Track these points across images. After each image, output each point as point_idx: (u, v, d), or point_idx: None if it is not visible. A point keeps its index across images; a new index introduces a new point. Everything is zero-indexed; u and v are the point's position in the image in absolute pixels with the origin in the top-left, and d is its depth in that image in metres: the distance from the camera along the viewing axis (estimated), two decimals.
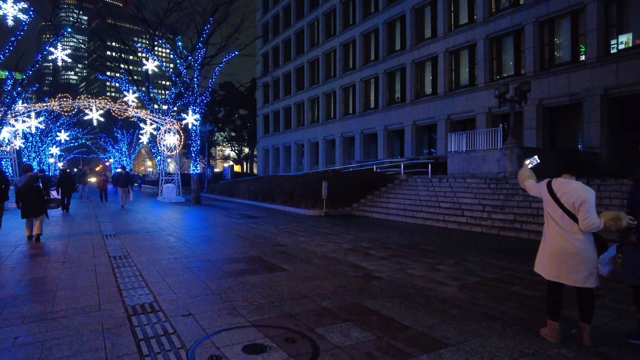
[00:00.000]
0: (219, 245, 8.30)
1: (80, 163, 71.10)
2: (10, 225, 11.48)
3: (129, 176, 19.17)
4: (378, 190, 17.92)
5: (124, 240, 8.78)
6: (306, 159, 43.64)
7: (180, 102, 27.13)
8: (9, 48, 16.32)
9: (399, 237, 10.04)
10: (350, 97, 38.00)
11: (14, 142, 20.16)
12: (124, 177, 18.48)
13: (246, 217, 14.33)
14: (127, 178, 18.72)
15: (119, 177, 18.57)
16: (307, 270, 6.16)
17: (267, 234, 10.16)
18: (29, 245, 8.29)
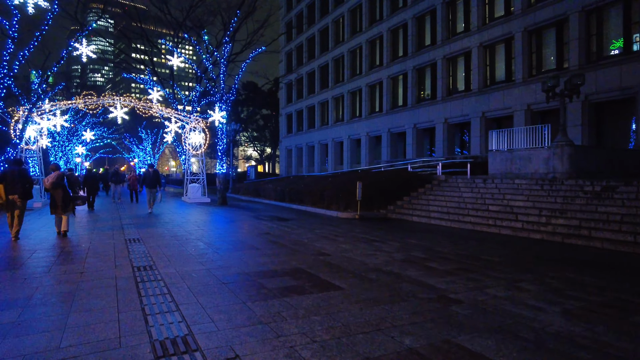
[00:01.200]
0: (254, 254, 7.34)
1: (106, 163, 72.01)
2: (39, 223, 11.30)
3: (158, 175, 16.65)
4: (415, 192, 16.73)
5: (148, 246, 7.93)
6: (330, 159, 42.62)
7: (205, 101, 26.54)
8: (33, 43, 15.92)
9: (453, 245, 8.90)
10: (377, 95, 36.79)
11: (40, 141, 19.84)
12: (151, 177, 16.17)
13: (276, 220, 13.39)
14: (155, 178, 16.30)
15: (147, 177, 16.34)
16: (366, 288, 5.12)
17: (303, 239, 9.17)
18: (48, 251, 7.54)
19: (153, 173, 16.30)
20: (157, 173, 16.57)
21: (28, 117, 17.45)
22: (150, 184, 15.92)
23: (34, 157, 20.83)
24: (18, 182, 8.80)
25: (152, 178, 16.05)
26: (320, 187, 18.00)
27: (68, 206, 9.32)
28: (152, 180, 16.00)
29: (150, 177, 16.08)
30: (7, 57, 16.10)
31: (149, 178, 16.09)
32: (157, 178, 16.22)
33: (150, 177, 16.10)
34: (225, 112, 18.86)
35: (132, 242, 8.51)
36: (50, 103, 19.59)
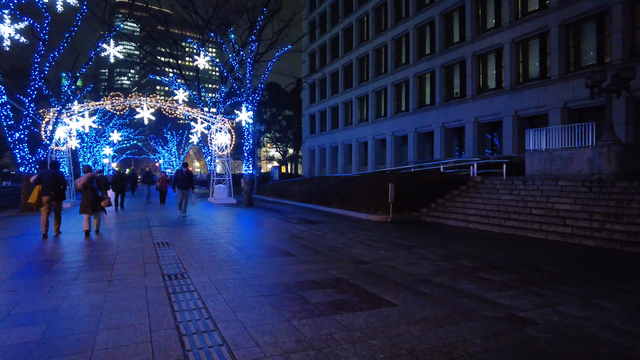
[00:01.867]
0: (289, 261, 6.86)
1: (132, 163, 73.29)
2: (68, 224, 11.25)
3: (192, 176, 14.90)
4: (449, 194, 15.98)
5: (178, 251, 7.57)
6: (354, 160, 41.98)
7: (230, 102, 26.38)
8: (63, 45, 15.97)
9: (500, 252, 8.21)
10: (403, 94, 35.98)
11: (69, 142, 19.99)
12: (184, 178, 14.35)
13: (305, 222, 12.92)
14: (189, 179, 14.52)
15: (179, 177, 14.41)
16: (422, 305, 4.56)
17: (338, 244, 8.65)
18: (76, 254, 7.27)
19: (186, 174, 14.51)
20: (191, 174, 14.89)
21: (58, 118, 17.55)
22: (183, 185, 14.26)
23: (63, 158, 21.02)
24: (52, 184, 9.47)
25: (185, 179, 14.33)
26: (349, 189, 17.45)
27: (97, 206, 9.82)
28: (185, 182, 14.32)
29: (183, 178, 14.33)
30: (38, 59, 16.22)
31: (182, 179, 14.33)
32: (190, 179, 14.58)
33: (183, 177, 14.34)
34: (252, 112, 18.53)
35: (161, 246, 8.17)
36: (79, 104, 19.71)
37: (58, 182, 9.62)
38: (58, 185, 9.61)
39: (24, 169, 16.37)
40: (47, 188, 9.44)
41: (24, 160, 16.20)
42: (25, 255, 7.28)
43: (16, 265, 6.36)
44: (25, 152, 16.15)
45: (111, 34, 16.84)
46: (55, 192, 9.51)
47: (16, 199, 19.95)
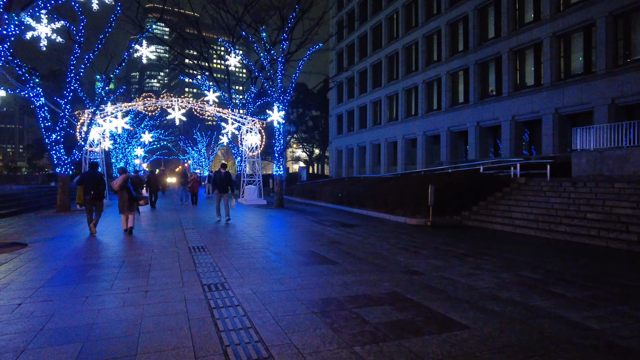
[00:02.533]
0: (333, 270, 6.36)
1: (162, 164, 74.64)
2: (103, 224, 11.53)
3: (231, 178, 13.59)
4: (491, 196, 15.11)
5: (215, 257, 7.18)
6: (383, 160, 41.16)
7: (260, 102, 26.20)
8: (97, 46, 16.05)
9: (562, 261, 7.44)
10: (435, 92, 34.95)
11: (102, 143, 20.20)
12: (224, 179, 13.06)
13: (340, 225, 12.39)
14: (228, 180, 13.20)
15: (217, 178, 13.08)
16: (498, 327, 3.95)
17: (381, 251, 8.08)
18: (111, 259, 7.01)
19: (225, 175, 13.13)
20: (230, 175, 13.50)
21: (92, 119, 17.70)
22: (222, 187, 12.99)
23: (97, 159, 21.30)
24: (92, 184, 10.25)
25: (224, 181, 13.04)
26: (383, 190, 16.81)
27: (133, 206, 10.34)
28: (225, 183, 13.03)
29: (222, 180, 13.02)
30: (74, 62, 16.39)
31: (221, 180, 13.03)
32: (229, 181, 13.30)
33: (222, 179, 13.03)
34: (284, 112, 18.16)
35: (197, 250, 7.82)
36: (112, 106, 19.89)
37: (97, 182, 10.33)
38: (98, 185, 10.32)
39: (60, 170, 16.55)
40: (88, 188, 10.20)
41: (60, 161, 16.37)
42: (60, 259, 7.06)
43: (51, 271, 6.12)
44: (61, 153, 16.32)
45: (143, 35, 16.84)
46: (95, 191, 10.21)
47: (53, 199, 20.29)
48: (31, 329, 3.79)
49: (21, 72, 14.82)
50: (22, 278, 5.71)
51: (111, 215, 14.38)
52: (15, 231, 10.77)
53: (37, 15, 10.61)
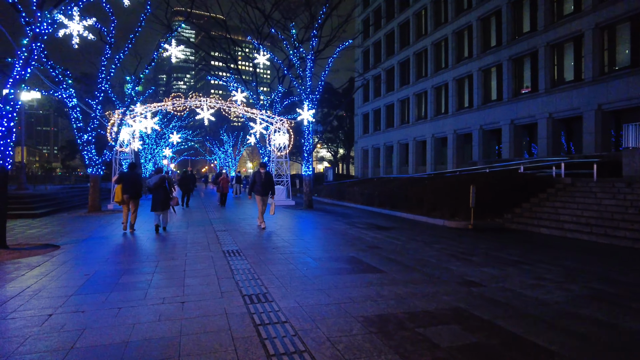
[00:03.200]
0: (381, 279, 5.82)
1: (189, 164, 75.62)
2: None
3: (272, 179, 11.87)
4: (534, 198, 14.20)
5: (251, 262, 6.76)
6: (411, 159, 40.21)
7: (288, 101, 25.84)
8: (127, 46, 16.02)
9: (633, 271, 6.66)
10: (466, 89, 33.84)
11: (132, 144, 20.28)
12: (264, 181, 11.37)
13: (375, 228, 11.82)
14: (269, 182, 11.55)
15: (257, 180, 11.40)
16: (596, 357, 3.34)
17: (428, 257, 7.49)
18: (144, 263, 6.69)
19: (265, 176, 11.45)
20: (271, 176, 11.89)
21: (122, 120, 17.73)
22: (262, 190, 11.32)
23: (127, 159, 21.40)
24: (131, 183, 10.75)
25: (264, 182, 11.33)
26: (417, 191, 16.12)
27: (167, 205, 10.79)
28: (265, 186, 11.36)
29: (263, 182, 11.30)
30: (105, 62, 16.44)
31: (262, 182, 11.29)
32: (271, 182, 11.61)
33: (263, 181, 11.30)
34: (314, 110, 17.71)
35: (232, 255, 7.42)
36: (142, 106, 19.92)
37: (135, 182, 10.83)
38: (135, 184, 10.82)
39: (91, 170, 16.61)
40: (126, 187, 10.69)
41: (91, 161, 16.43)
42: (92, 263, 6.79)
43: (83, 276, 5.82)
44: (92, 153, 16.37)
45: (172, 34, 16.75)
46: (133, 190, 10.72)
47: (84, 199, 20.50)
48: (62, 346, 3.42)
49: (54, 73, 14.94)
50: (53, 284, 5.42)
51: (143, 214, 14.24)
52: (48, 232, 10.70)
53: (70, 14, 10.51)
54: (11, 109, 7.98)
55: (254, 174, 11.77)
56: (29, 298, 4.77)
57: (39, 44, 8.19)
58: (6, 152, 7.91)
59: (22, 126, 22.46)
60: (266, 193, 11.52)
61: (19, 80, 8.05)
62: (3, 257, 7.30)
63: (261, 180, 11.42)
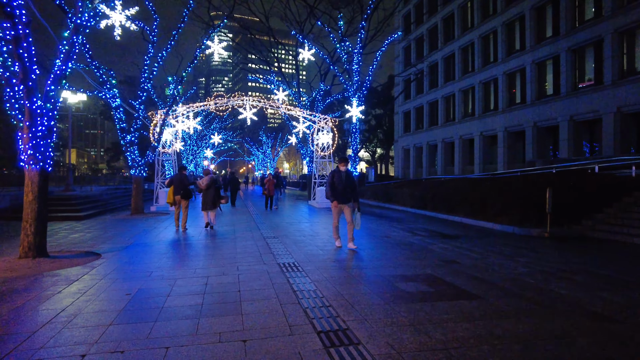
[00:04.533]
0: (482, 309, 4.65)
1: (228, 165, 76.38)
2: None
3: (354, 180, 8.80)
4: (617, 202, 12.44)
5: (315, 281, 5.76)
6: (457, 159, 38.26)
7: (330, 99, 24.93)
8: (170, 43, 15.59)
9: None
10: (518, 84, 31.68)
11: (174, 145, 19.95)
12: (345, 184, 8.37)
13: (440, 236, 10.57)
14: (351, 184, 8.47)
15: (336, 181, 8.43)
16: None
17: (520, 276, 6.22)
18: (191, 279, 5.86)
19: (346, 177, 8.44)
20: (352, 177, 8.76)
21: (165, 120, 17.37)
22: (343, 196, 8.34)
23: (169, 160, 21.13)
24: (180, 185, 11.36)
25: (346, 185, 8.36)
26: (478, 193, 14.67)
27: (216, 204, 11.39)
28: (347, 190, 8.37)
29: (344, 184, 8.35)
30: (148, 62, 16.13)
31: (342, 185, 8.34)
32: (353, 185, 8.52)
33: (344, 183, 8.36)
34: (363, 107, 16.63)
35: (289, 269, 6.46)
36: (184, 107, 19.57)
37: (185, 184, 11.43)
38: (185, 186, 11.43)
39: (134, 172, 16.30)
40: (177, 189, 11.31)
41: (134, 162, 16.11)
42: (134, 277, 6.03)
43: (124, 297, 5.03)
44: (135, 154, 16.05)
45: (215, 30, 16.18)
46: (183, 192, 11.32)
47: (127, 200, 20.38)
48: None
49: (99, 73, 14.74)
50: (90, 306, 4.64)
51: (192, 215, 13.70)
52: (91, 237, 10.21)
53: (112, 5, 10.00)
54: (52, 107, 7.41)
55: (332, 173, 8.55)
56: (61, 327, 3.98)
57: (80, 37, 7.57)
58: (47, 153, 7.35)
59: (70, 128, 22.73)
60: (347, 199, 8.44)
61: (60, 75, 7.46)
62: (43, 268, 6.70)
63: (342, 183, 8.35)
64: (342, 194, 8.43)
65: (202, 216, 13.16)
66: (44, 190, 7.35)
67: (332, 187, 8.51)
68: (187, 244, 9.21)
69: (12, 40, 6.54)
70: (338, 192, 8.43)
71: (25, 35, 6.75)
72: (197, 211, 17.48)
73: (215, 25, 16.00)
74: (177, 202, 11.36)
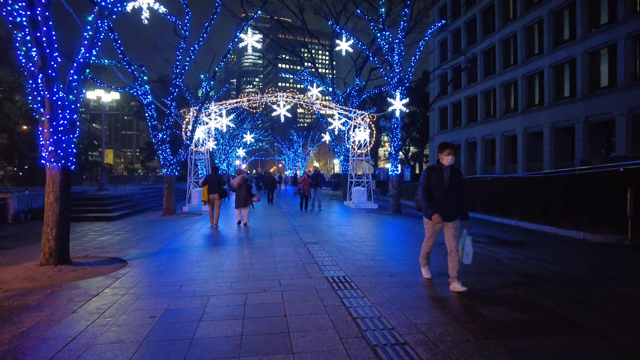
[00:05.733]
0: (603, 350, 3.52)
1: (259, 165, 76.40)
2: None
3: (462, 182, 5.46)
4: None
5: (375, 303, 4.72)
6: (498, 157, 36.22)
7: (366, 95, 23.80)
8: (202, 35, 14.95)
9: None
10: (567, 76, 29.45)
11: (207, 143, 19.40)
12: (447, 184, 5.28)
13: (500, 243, 9.30)
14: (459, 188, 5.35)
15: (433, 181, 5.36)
16: None
17: (628, 297, 4.99)
18: (227, 299, 4.97)
19: (452, 175, 5.36)
20: (461, 177, 5.51)
21: (197, 117, 16.80)
22: (446, 206, 5.29)
23: (201, 160, 20.63)
24: (216, 184, 11.84)
25: (450, 188, 5.29)
26: (536, 194, 13.20)
27: (248, 202, 11.85)
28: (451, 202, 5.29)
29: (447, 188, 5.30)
30: (180, 57, 15.60)
31: (443, 189, 5.30)
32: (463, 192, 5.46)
33: (447, 186, 5.30)
34: (407, 100, 15.44)
35: (341, 286, 5.45)
36: (217, 104, 18.98)
37: (220, 183, 11.92)
38: (220, 185, 11.90)
39: (166, 171, 15.78)
40: (212, 188, 11.76)
41: (166, 161, 15.59)
42: (161, 293, 5.20)
43: (147, 320, 4.17)
44: (167, 153, 15.52)
45: (249, 22, 15.43)
46: (218, 191, 11.77)
47: (159, 200, 20.00)
48: None
49: (130, 69, 14.31)
50: (106, 335, 3.79)
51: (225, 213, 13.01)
52: (119, 240, 9.57)
53: None
54: (74, 99, 6.71)
55: (428, 171, 5.48)
56: None
57: (105, 22, 6.84)
58: (69, 150, 6.65)
59: (103, 127, 22.64)
60: (454, 214, 5.34)
61: (83, 64, 6.76)
62: (63, 278, 5.99)
63: (444, 186, 5.33)
64: (445, 204, 5.30)
65: (236, 214, 13.13)
66: (67, 191, 6.67)
67: (427, 193, 5.39)
68: (222, 249, 8.38)
69: (28, 23, 5.84)
70: (439, 202, 5.32)
71: (44, 18, 6.06)
72: (232, 210, 16.84)
73: (249, 16, 15.24)
74: (212, 201, 11.84)
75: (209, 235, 10.49)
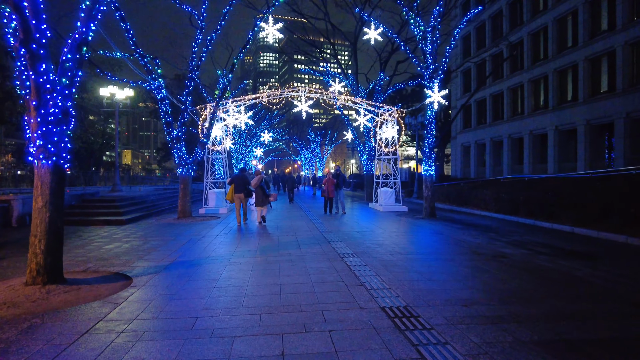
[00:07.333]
0: None
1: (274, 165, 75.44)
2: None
3: None
4: None
5: (464, 351, 3.43)
6: (527, 156, 34.31)
7: (391, 89, 22.40)
8: (220, 23, 13.81)
9: None
10: (604, 70, 27.47)
11: (224, 142, 18.27)
12: None
13: (565, 254, 7.82)
14: None
15: None
16: None
17: None
18: (256, 353, 3.72)
19: None
20: None
21: (214, 114, 15.67)
22: None
23: (219, 159, 19.53)
24: (242, 184, 12.32)
25: None
26: (591, 197, 11.65)
27: (266, 201, 12.40)
28: None
29: None
30: (196, 48, 14.53)
31: None
32: None
33: None
34: (446, 91, 14.02)
35: (406, 321, 4.12)
36: (234, 101, 17.85)
37: (245, 183, 12.42)
38: (246, 185, 12.40)
39: (181, 171, 14.67)
40: (238, 187, 12.28)
41: (181, 160, 14.47)
42: (170, 330, 3.95)
43: None
44: (182, 151, 14.40)
45: (269, 10, 14.22)
46: (244, 191, 12.28)
47: (174, 202, 18.95)
48: None
49: (143, 62, 13.28)
50: None
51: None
52: (127, 249, 8.41)
53: None
54: (69, 83, 5.53)
55: None
56: None
57: None
58: (61, 144, 5.47)
59: (117, 125, 21.75)
60: None
61: (80, 40, 5.58)
62: (50, 303, 4.81)
63: None
64: None
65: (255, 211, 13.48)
66: (59, 194, 5.49)
67: None
68: (244, 262, 7.13)
69: None
70: None
71: None
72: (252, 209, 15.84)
73: (271, 3, 14.05)
74: (238, 199, 12.23)
75: (227, 242, 9.27)
